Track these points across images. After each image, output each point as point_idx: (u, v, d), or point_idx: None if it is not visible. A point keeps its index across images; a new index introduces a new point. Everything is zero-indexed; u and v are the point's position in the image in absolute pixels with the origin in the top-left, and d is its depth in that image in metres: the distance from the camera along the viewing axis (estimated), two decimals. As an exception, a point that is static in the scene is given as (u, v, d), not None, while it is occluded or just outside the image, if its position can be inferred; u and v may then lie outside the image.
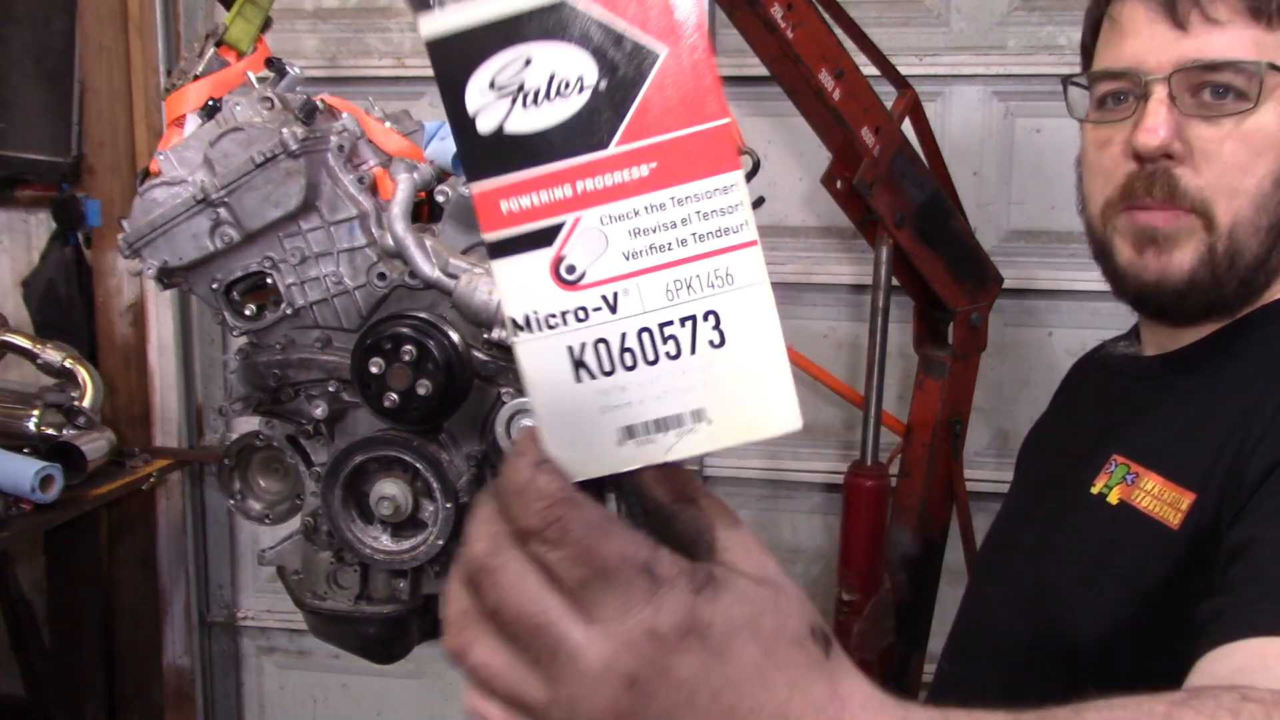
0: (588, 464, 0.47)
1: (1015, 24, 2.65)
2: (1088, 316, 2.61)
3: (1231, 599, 0.80)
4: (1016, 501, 1.27)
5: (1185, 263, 1.00)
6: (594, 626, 0.44)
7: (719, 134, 0.45)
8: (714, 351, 0.46)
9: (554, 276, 0.47)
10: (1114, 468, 1.04)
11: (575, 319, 0.47)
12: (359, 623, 1.06)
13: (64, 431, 2.63)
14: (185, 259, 1.00)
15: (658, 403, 0.47)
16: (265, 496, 1.12)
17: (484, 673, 0.46)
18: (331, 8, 2.92)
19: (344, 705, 3.23)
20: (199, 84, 1.02)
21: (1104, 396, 1.19)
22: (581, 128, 0.46)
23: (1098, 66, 1.08)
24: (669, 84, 0.45)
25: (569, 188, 0.46)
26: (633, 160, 0.46)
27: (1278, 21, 0.98)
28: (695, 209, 0.46)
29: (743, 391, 0.47)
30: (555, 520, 0.44)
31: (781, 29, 1.88)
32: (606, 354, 0.47)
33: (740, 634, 0.45)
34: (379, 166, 1.04)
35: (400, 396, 0.94)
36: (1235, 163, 0.98)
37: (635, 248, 0.46)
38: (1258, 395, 0.95)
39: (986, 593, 1.21)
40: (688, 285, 0.46)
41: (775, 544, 2.95)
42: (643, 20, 0.45)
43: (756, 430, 0.47)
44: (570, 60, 0.45)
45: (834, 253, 2.77)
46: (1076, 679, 0.97)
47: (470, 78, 0.46)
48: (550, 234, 0.46)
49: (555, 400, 0.47)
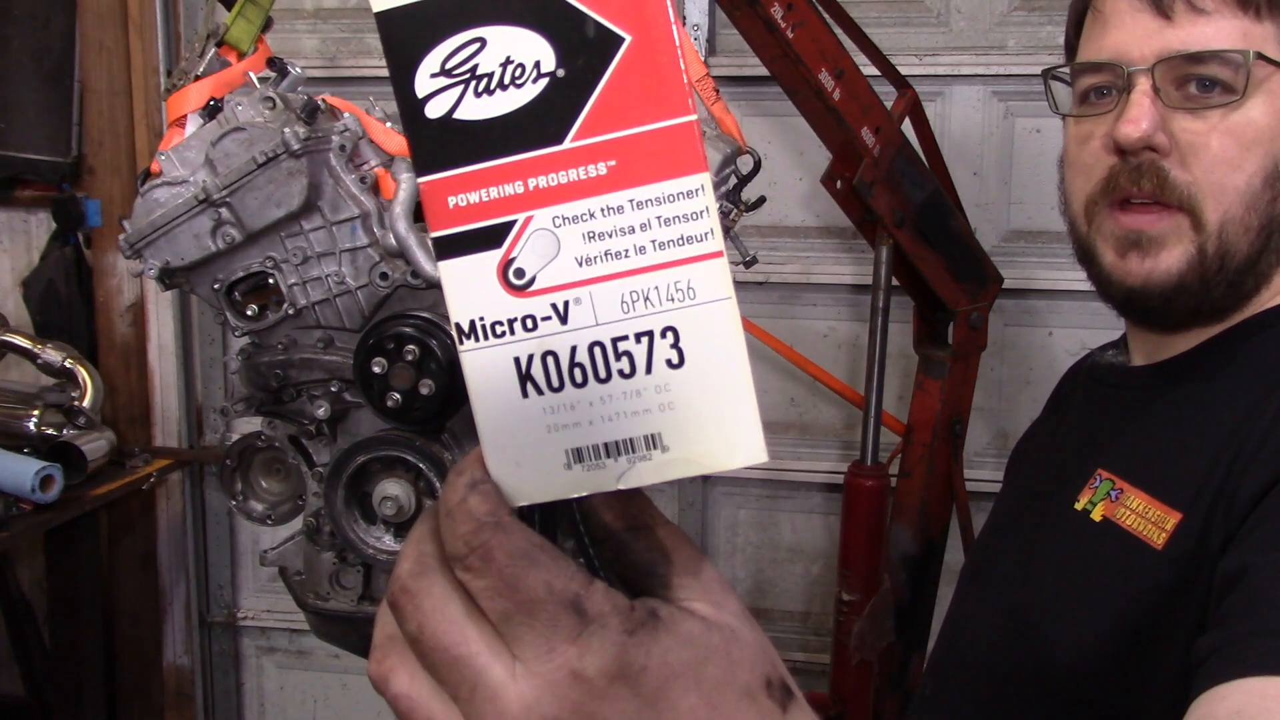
0: (532, 487, 0.43)
1: (1015, 24, 2.66)
2: (1088, 316, 2.62)
3: (1226, 635, 0.76)
4: (1001, 514, 1.23)
5: (1172, 265, 0.96)
6: (517, 664, 0.40)
7: (684, 131, 0.41)
8: (671, 372, 0.42)
9: (501, 280, 0.43)
10: (1098, 483, 1.00)
11: (523, 328, 0.43)
12: (362, 623, 1.06)
13: (64, 431, 2.63)
14: (187, 259, 1.00)
15: (609, 425, 0.42)
16: (267, 497, 1.12)
17: (404, 704, 0.43)
18: (331, 8, 2.93)
19: (344, 705, 3.23)
20: (200, 84, 1.02)
21: (1090, 408, 1.15)
22: (536, 119, 0.42)
23: (1080, 59, 1.04)
24: (633, 75, 0.41)
25: (520, 184, 0.42)
26: (589, 157, 0.42)
27: (1267, 12, 0.94)
28: (656, 213, 0.42)
29: (702, 418, 0.42)
30: (479, 546, 0.41)
31: (781, 29, 1.88)
32: (555, 368, 0.43)
33: (678, 682, 0.40)
34: (381, 166, 1.04)
35: (403, 396, 0.94)
36: (1224, 157, 0.94)
37: (589, 253, 0.42)
38: (1249, 409, 0.91)
39: (967, 609, 1.18)
40: (645, 297, 0.42)
41: (775, 544, 2.95)
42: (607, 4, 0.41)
43: (716, 461, 0.42)
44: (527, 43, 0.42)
45: (834, 253, 2.77)
46: (1053, 704, 0.95)
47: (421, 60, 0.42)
48: (499, 233, 0.43)
49: (500, 416, 0.43)
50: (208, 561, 3.19)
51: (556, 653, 0.40)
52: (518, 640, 0.41)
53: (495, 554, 0.41)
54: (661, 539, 0.45)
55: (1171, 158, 0.95)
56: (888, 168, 2.06)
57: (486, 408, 0.43)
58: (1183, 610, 0.87)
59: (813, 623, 2.94)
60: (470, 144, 0.43)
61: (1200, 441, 0.93)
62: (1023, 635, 1.01)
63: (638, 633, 0.41)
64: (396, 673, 0.44)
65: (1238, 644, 0.74)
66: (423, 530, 0.44)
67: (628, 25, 0.41)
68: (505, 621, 0.41)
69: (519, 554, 0.41)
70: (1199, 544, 0.87)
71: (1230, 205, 0.94)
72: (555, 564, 0.41)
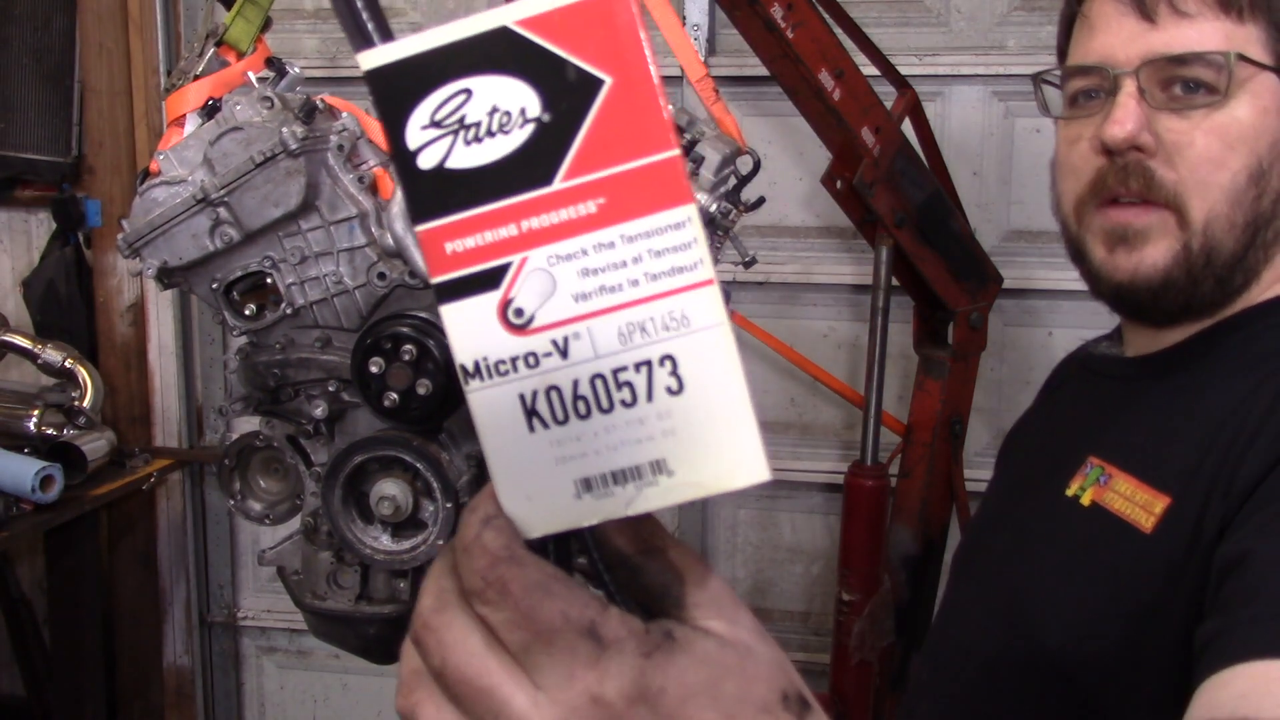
0: (544, 519, 0.44)
1: (1015, 24, 2.66)
2: (1088, 316, 2.61)
3: (1229, 620, 0.77)
4: (993, 502, 1.25)
5: (1158, 260, 0.98)
6: (539, 693, 0.42)
7: (669, 166, 0.43)
8: (672, 399, 0.43)
9: (502, 320, 0.44)
10: (1089, 470, 1.02)
11: (526, 365, 0.44)
12: (359, 623, 1.06)
13: (64, 431, 2.63)
14: (185, 259, 1.00)
15: (615, 454, 0.44)
16: (265, 497, 1.12)
17: None
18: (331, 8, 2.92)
19: (344, 705, 3.24)
20: (199, 84, 1.02)
21: (1082, 397, 1.17)
22: (525, 162, 0.43)
23: (1069, 63, 1.06)
24: (615, 115, 0.43)
25: (514, 226, 0.44)
26: (579, 196, 0.43)
27: (1249, 14, 0.96)
28: (647, 246, 0.43)
29: (704, 441, 0.43)
30: (495, 580, 0.42)
31: (781, 29, 1.88)
32: (559, 402, 0.44)
33: (696, 700, 0.42)
34: (379, 166, 1.04)
35: (400, 396, 0.94)
36: (1208, 156, 0.96)
37: (585, 289, 0.44)
38: (1241, 397, 0.93)
39: (959, 595, 1.19)
40: (641, 328, 0.43)
41: (775, 544, 2.95)
42: (585, 48, 0.43)
43: (721, 482, 0.44)
44: (511, 92, 0.43)
45: (834, 253, 2.77)
46: (1045, 687, 0.97)
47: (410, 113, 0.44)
48: (496, 275, 0.44)
49: (509, 451, 0.45)
50: (208, 561, 3.19)
51: (576, 679, 0.41)
52: (538, 669, 0.42)
53: (511, 587, 0.42)
54: (674, 560, 0.46)
55: (1157, 157, 0.97)
56: (888, 168, 2.06)
57: (495, 444, 0.45)
58: (1174, 593, 0.88)
59: (813, 623, 2.94)
60: (463, 191, 0.44)
61: (1190, 428, 0.95)
62: (1014, 620, 1.02)
63: (654, 655, 0.42)
64: (423, 706, 0.45)
65: (1241, 629, 0.75)
66: (441, 567, 0.45)
67: (607, 67, 0.43)
68: (525, 651, 0.42)
69: (534, 586, 0.42)
70: (1193, 528, 0.89)
71: (1215, 202, 0.96)
72: (570, 593, 0.42)
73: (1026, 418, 1.31)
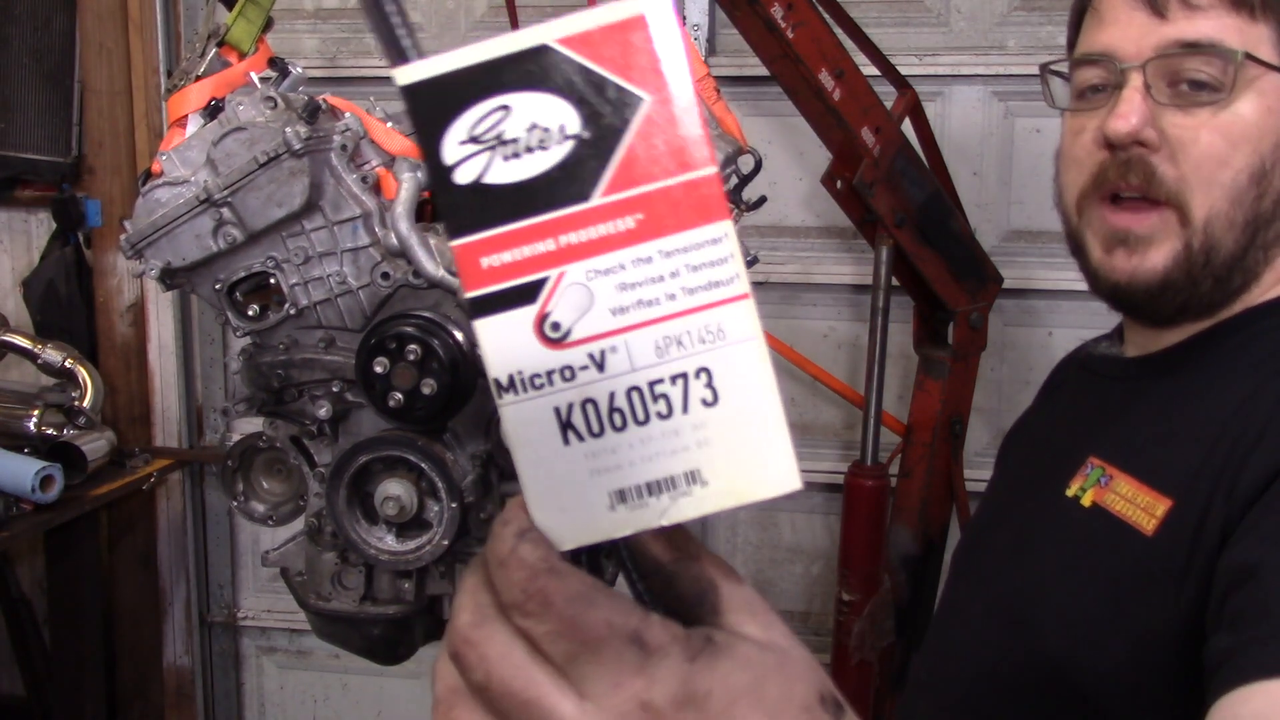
0: (578, 531, 0.45)
1: (1015, 24, 2.66)
2: (1088, 316, 2.62)
3: (1241, 638, 0.76)
4: (992, 502, 1.24)
5: (1159, 263, 0.98)
6: (586, 702, 0.42)
7: (707, 183, 0.43)
8: (707, 410, 0.44)
9: (538, 335, 0.44)
10: (1090, 470, 1.02)
11: (562, 379, 0.44)
12: (364, 624, 1.06)
13: (64, 431, 2.63)
14: (188, 259, 1.00)
15: (649, 465, 0.44)
16: (269, 498, 1.12)
17: None
18: (331, 8, 2.93)
19: (344, 705, 3.24)
20: (201, 84, 1.02)
21: (1083, 397, 1.16)
22: (564, 178, 0.44)
23: (1076, 54, 1.06)
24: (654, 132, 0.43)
25: (551, 241, 0.44)
26: (618, 212, 0.44)
27: (1260, 13, 0.95)
28: (684, 261, 0.44)
29: (738, 451, 0.44)
30: (536, 593, 0.42)
31: (781, 29, 1.88)
32: (595, 415, 0.44)
33: (742, 702, 0.42)
34: (382, 166, 1.04)
35: (405, 396, 0.94)
36: (1212, 153, 0.95)
37: (622, 303, 0.44)
38: (1243, 399, 0.92)
39: (959, 595, 1.19)
40: (678, 341, 0.44)
41: (775, 544, 2.95)
42: (626, 66, 0.43)
43: (754, 491, 0.45)
44: (551, 108, 0.43)
45: (834, 253, 2.77)
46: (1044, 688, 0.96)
47: (447, 129, 0.44)
48: (533, 290, 0.44)
49: (543, 464, 0.45)
50: (208, 561, 3.19)
51: (624, 686, 0.41)
52: (584, 678, 0.42)
53: (553, 598, 0.42)
54: (707, 567, 0.47)
55: (1161, 153, 0.97)
56: (888, 168, 2.06)
57: (529, 458, 0.45)
58: (1176, 596, 0.88)
59: (813, 623, 2.94)
60: (500, 206, 0.44)
61: (1191, 430, 0.95)
62: (1014, 620, 1.02)
63: (699, 659, 0.42)
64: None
65: (1257, 646, 0.74)
66: (474, 582, 0.45)
67: (647, 85, 0.43)
68: (570, 662, 0.42)
69: (576, 596, 0.42)
70: (1195, 532, 0.88)
71: (1216, 200, 0.96)
72: (612, 602, 0.42)
73: (1026, 417, 1.31)
